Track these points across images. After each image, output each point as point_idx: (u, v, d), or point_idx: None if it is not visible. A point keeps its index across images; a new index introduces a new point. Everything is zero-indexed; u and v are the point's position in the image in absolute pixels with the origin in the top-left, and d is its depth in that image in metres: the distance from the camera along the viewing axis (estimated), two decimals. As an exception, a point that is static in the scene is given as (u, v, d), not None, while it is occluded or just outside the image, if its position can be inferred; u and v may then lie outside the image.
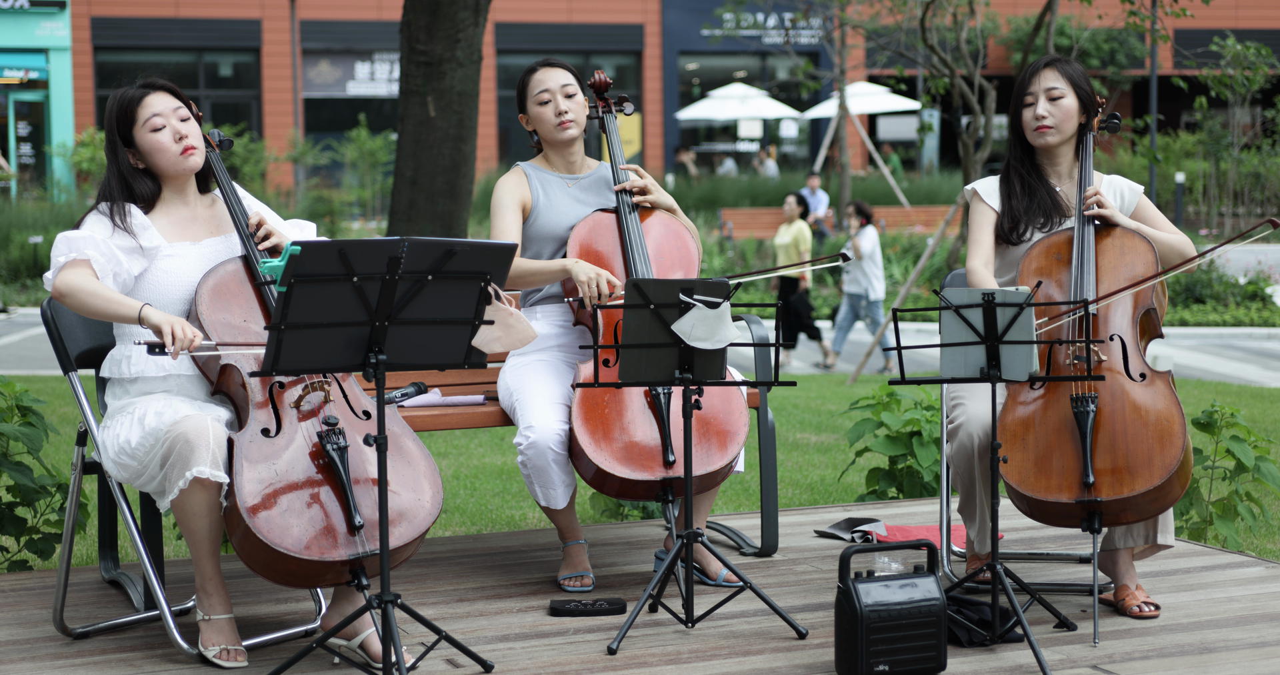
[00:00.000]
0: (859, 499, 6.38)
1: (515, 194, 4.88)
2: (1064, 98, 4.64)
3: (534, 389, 4.69)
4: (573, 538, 4.80)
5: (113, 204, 4.19)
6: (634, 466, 4.49)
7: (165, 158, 4.21)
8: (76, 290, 4.03)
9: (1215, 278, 17.68)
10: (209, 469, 3.82)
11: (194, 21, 30.26)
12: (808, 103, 32.29)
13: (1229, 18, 29.42)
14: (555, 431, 4.56)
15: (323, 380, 4.06)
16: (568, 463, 4.61)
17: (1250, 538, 6.18)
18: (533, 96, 4.86)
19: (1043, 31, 11.71)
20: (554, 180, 4.95)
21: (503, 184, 4.90)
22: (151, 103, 4.20)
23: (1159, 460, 4.21)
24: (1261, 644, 4.12)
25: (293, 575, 3.83)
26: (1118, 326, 4.44)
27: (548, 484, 4.61)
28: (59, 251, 4.10)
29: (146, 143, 4.20)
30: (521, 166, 4.97)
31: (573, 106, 4.86)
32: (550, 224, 4.88)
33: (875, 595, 3.83)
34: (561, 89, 4.84)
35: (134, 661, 4.05)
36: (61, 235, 4.13)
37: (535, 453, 4.56)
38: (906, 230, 23.64)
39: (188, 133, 4.22)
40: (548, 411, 4.61)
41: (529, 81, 4.88)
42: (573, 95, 4.86)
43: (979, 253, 4.65)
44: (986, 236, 4.68)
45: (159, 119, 4.19)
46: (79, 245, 4.09)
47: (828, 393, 11.55)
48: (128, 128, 4.21)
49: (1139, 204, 4.74)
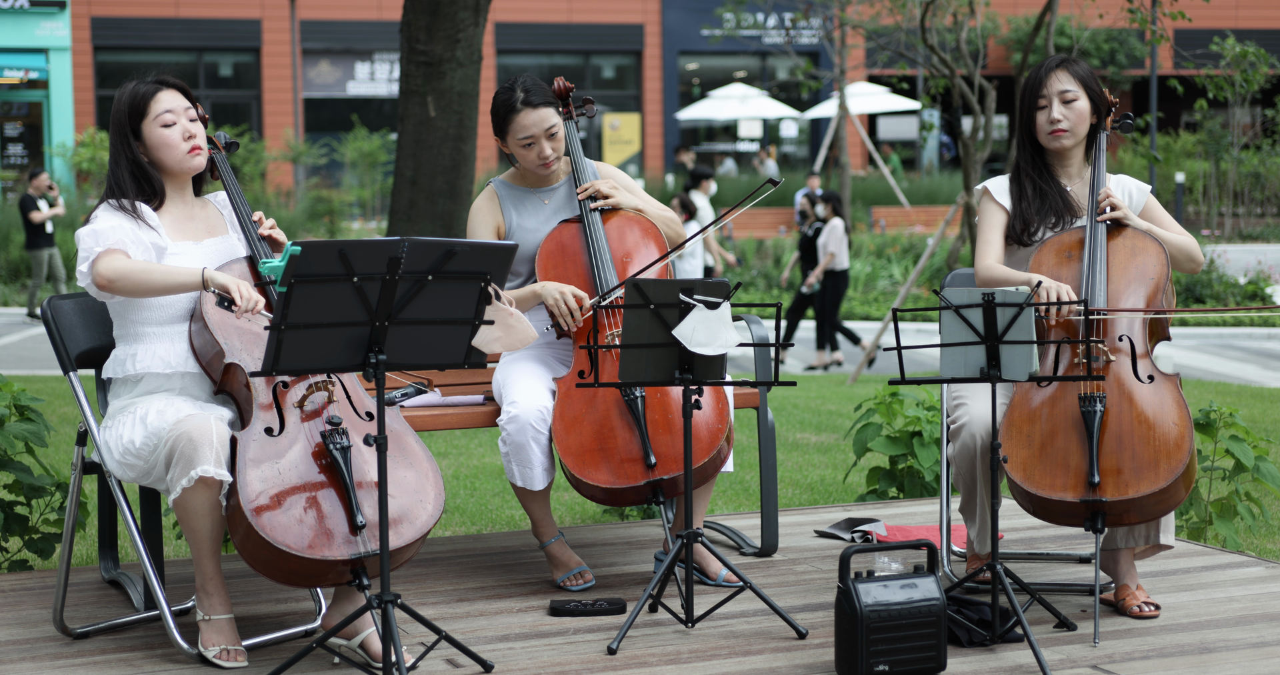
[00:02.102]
0: (859, 499, 6.38)
1: (488, 222, 4.92)
2: (1077, 100, 4.62)
3: (520, 374, 4.73)
4: (549, 534, 4.77)
5: (122, 199, 4.19)
6: (616, 475, 4.49)
7: (173, 154, 4.21)
8: (127, 273, 4.01)
9: (1215, 278, 17.68)
10: (214, 468, 3.83)
11: (194, 21, 30.26)
12: (808, 103, 32.29)
13: (1229, 18, 29.41)
14: (537, 408, 4.58)
15: (326, 380, 4.07)
16: (548, 445, 4.61)
17: (1250, 538, 6.18)
18: (515, 138, 4.83)
19: (1043, 31, 11.71)
20: (527, 196, 4.96)
21: (476, 210, 4.93)
22: (165, 98, 4.21)
23: (1165, 463, 4.21)
24: (1261, 644, 4.12)
25: (294, 574, 3.83)
26: (1127, 328, 4.44)
27: (526, 463, 4.61)
28: (86, 245, 4.07)
29: (155, 137, 4.20)
30: (494, 186, 4.98)
31: (555, 145, 4.86)
32: (527, 241, 4.89)
33: (875, 595, 3.83)
34: (545, 132, 4.82)
35: (134, 661, 4.05)
36: (84, 230, 4.10)
37: (516, 427, 4.57)
38: (906, 230, 23.65)
39: (196, 133, 4.23)
40: (532, 390, 4.63)
41: (512, 123, 4.81)
42: (554, 135, 4.85)
43: (990, 252, 4.63)
44: (997, 236, 4.66)
45: (170, 115, 4.20)
46: (107, 237, 4.08)
47: (828, 393, 11.55)
48: (138, 121, 4.21)
49: (1147, 204, 4.73)
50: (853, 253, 20.66)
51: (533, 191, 4.97)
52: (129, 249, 4.08)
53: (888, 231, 23.69)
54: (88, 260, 4.06)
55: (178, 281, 4.02)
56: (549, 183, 4.99)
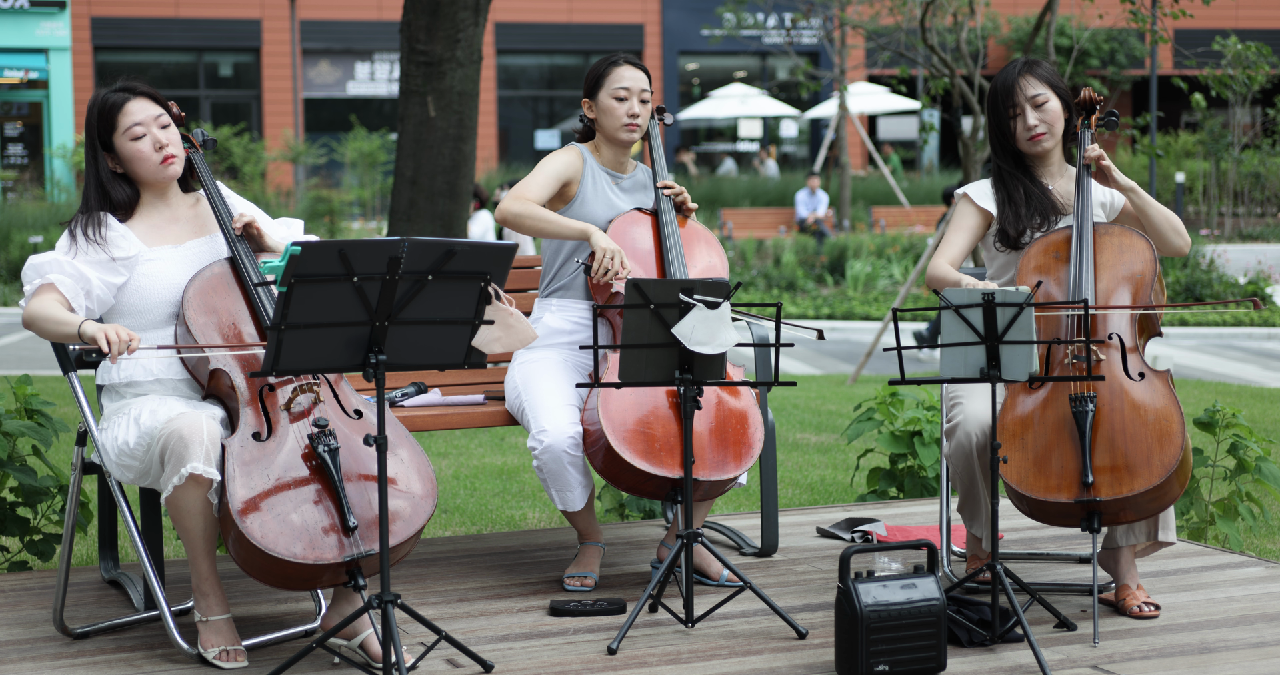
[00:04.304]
0: (859, 499, 6.38)
1: (566, 170, 4.85)
2: (1048, 102, 4.67)
3: (543, 390, 4.68)
4: (590, 539, 4.80)
5: (87, 216, 4.21)
6: (653, 461, 4.47)
7: (145, 167, 4.22)
8: (35, 320, 4.09)
9: (1215, 278, 17.67)
10: (203, 465, 3.82)
11: (194, 21, 30.26)
12: (808, 103, 32.29)
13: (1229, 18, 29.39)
14: (568, 434, 4.56)
15: (312, 382, 4.06)
16: (584, 463, 4.60)
17: (1250, 538, 6.18)
18: (609, 89, 4.83)
19: (1043, 31, 11.71)
20: (602, 173, 4.95)
21: (558, 155, 4.87)
22: (132, 110, 4.20)
23: (1158, 459, 4.21)
24: (1261, 644, 4.12)
25: (289, 579, 3.83)
26: (1116, 325, 4.44)
27: (564, 487, 4.61)
28: (27, 279, 4.15)
29: (127, 151, 4.21)
30: (580, 148, 4.94)
31: (644, 112, 4.87)
32: (586, 214, 4.86)
33: (875, 595, 3.83)
34: (639, 92, 4.84)
35: (134, 661, 4.05)
36: (30, 261, 4.17)
37: (550, 456, 4.56)
38: (906, 230, 23.64)
39: (168, 141, 4.22)
40: (559, 414, 4.60)
41: (609, 73, 4.85)
42: (646, 102, 4.87)
43: (948, 251, 4.66)
44: (962, 239, 4.70)
45: (139, 128, 4.19)
46: (44, 270, 4.13)
47: (828, 393, 11.55)
48: (108, 133, 4.21)
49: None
50: (853, 253, 20.67)
51: (606, 172, 4.96)
52: (62, 284, 4.12)
53: (888, 231, 23.68)
54: (26, 296, 4.15)
55: (62, 332, 4.05)
56: (622, 169, 4.98)
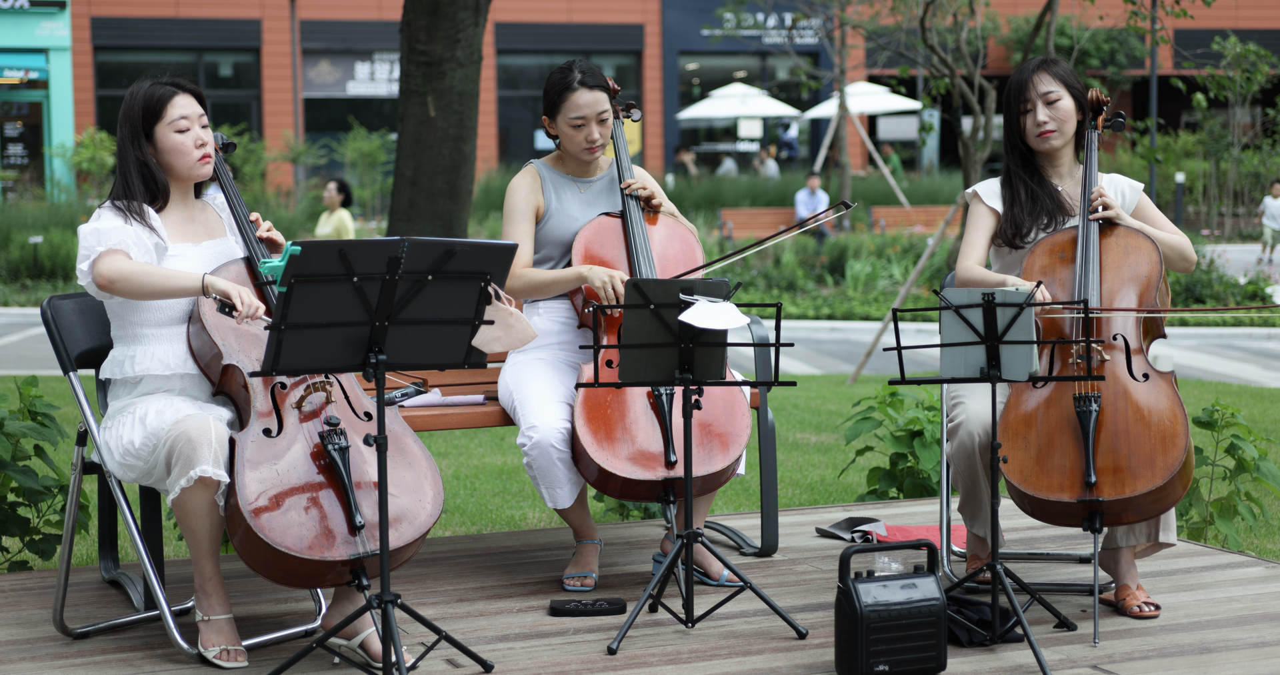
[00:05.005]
0: (859, 499, 6.38)
1: (529, 199, 4.87)
2: (1060, 100, 4.65)
3: (534, 387, 4.69)
4: (585, 537, 4.80)
5: (130, 201, 4.18)
6: (636, 467, 4.48)
7: (184, 161, 4.21)
8: (127, 274, 4.02)
9: (1215, 278, 17.67)
10: (211, 468, 3.83)
11: (194, 21, 30.28)
12: (808, 103, 32.29)
13: (1229, 18, 29.41)
14: (558, 430, 4.56)
15: (324, 381, 4.07)
16: (571, 459, 4.60)
17: (1250, 538, 6.18)
18: (566, 117, 4.80)
19: (1043, 31, 11.71)
20: (566, 183, 4.95)
21: (516, 188, 4.87)
22: (181, 103, 4.20)
23: (1161, 461, 4.21)
24: (1261, 644, 4.12)
25: (294, 575, 3.83)
26: (1121, 326, 4.44)
27: (553, 483, 4.61)
28: (88, 244, 4.07)
29: (168, 142, 4.19)
30: (535, 166, 4.95)
31: (603, 131, 4.85)
32: (560, 228, 4.87)
33: (875, 595, 3.83)
34: (597, 116, 4.81)
35: (134, 661, 4.05)
36: (87, 228, 4.10)
37: (539, 452, 4.56)
38: (906, 230, 23.64)
39: (207, 140, 4.23)
40: (549, 410, 4.60)
41: (567, 100, 4.79)
42: (605, 121, 4.84)
43: (972, 253, 4.66)
44: (981, 239, 4.69)
45: (185, 121, 4.19)
46: (109, 237, 4.08)
47: (828, 393, 11.55)
48: (151, 122, 4.20)
49: (1139, 202, 4.74)
50: (853, 253, 20.66)
51: (573, 179, 4.96)
52: (130, 250, 4.08)
53: (888, 231, 23.68)
54: (88, 259, 4.06)
55: (178, 285, 4.02)
56: (588, 174, 4.98)
